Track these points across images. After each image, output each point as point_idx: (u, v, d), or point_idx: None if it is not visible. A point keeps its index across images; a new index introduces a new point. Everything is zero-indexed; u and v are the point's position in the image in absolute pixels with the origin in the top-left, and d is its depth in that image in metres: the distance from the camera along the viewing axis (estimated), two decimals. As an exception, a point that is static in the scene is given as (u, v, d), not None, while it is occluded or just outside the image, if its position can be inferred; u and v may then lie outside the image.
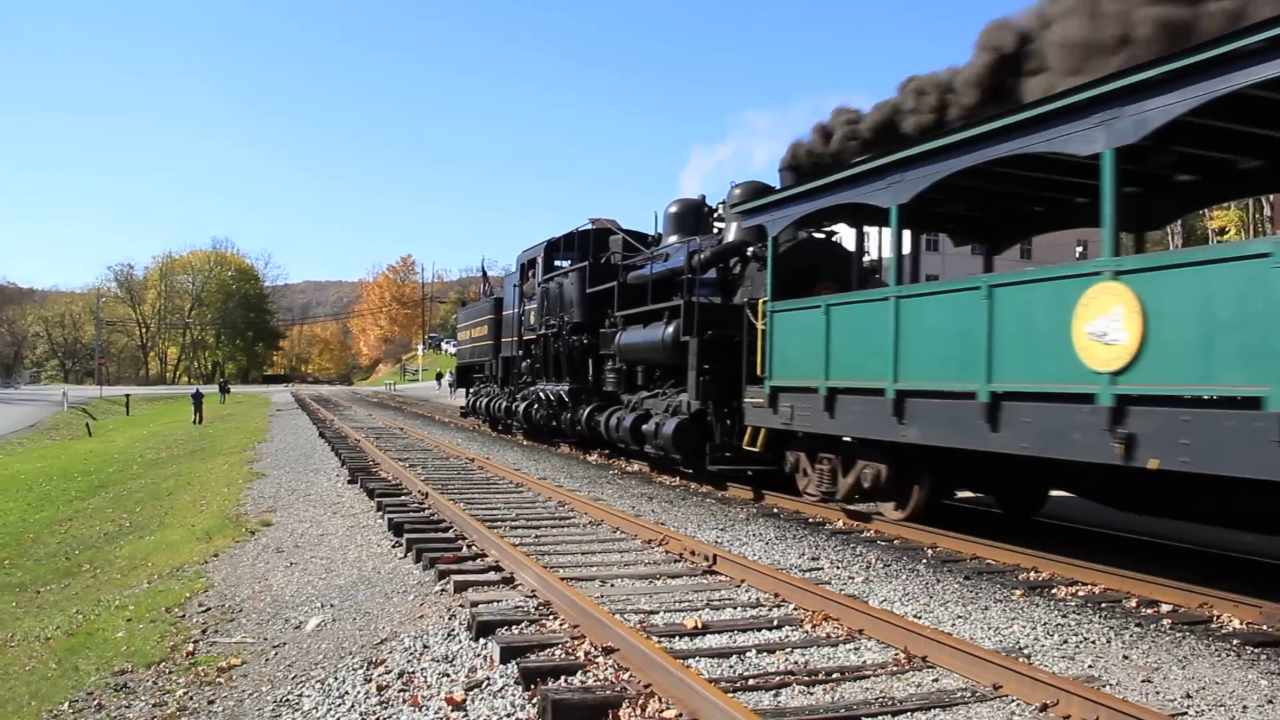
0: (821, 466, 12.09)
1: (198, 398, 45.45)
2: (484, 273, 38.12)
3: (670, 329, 15.66)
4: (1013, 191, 11.51)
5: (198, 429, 38.52)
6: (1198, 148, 9.19)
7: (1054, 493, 11.48)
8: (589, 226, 22.37)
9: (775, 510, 12.63)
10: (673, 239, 18.87)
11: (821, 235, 14.84)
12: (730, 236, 16.28)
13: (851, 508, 11.81)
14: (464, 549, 9.56)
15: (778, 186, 13.87)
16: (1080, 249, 36.59)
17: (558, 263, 23.12)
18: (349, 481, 15.86)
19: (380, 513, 12.27)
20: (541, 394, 22.66)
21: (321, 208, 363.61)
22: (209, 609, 8.96)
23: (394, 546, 10.31)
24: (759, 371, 12.77)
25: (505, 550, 8.91)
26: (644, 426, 16.34)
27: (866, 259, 15.54)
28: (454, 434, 27.14)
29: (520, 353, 25.64)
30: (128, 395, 71.39)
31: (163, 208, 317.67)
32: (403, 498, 13.15)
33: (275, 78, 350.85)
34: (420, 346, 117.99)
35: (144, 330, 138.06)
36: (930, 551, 9.84)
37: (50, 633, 9.58)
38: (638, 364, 18.06)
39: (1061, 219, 12.27)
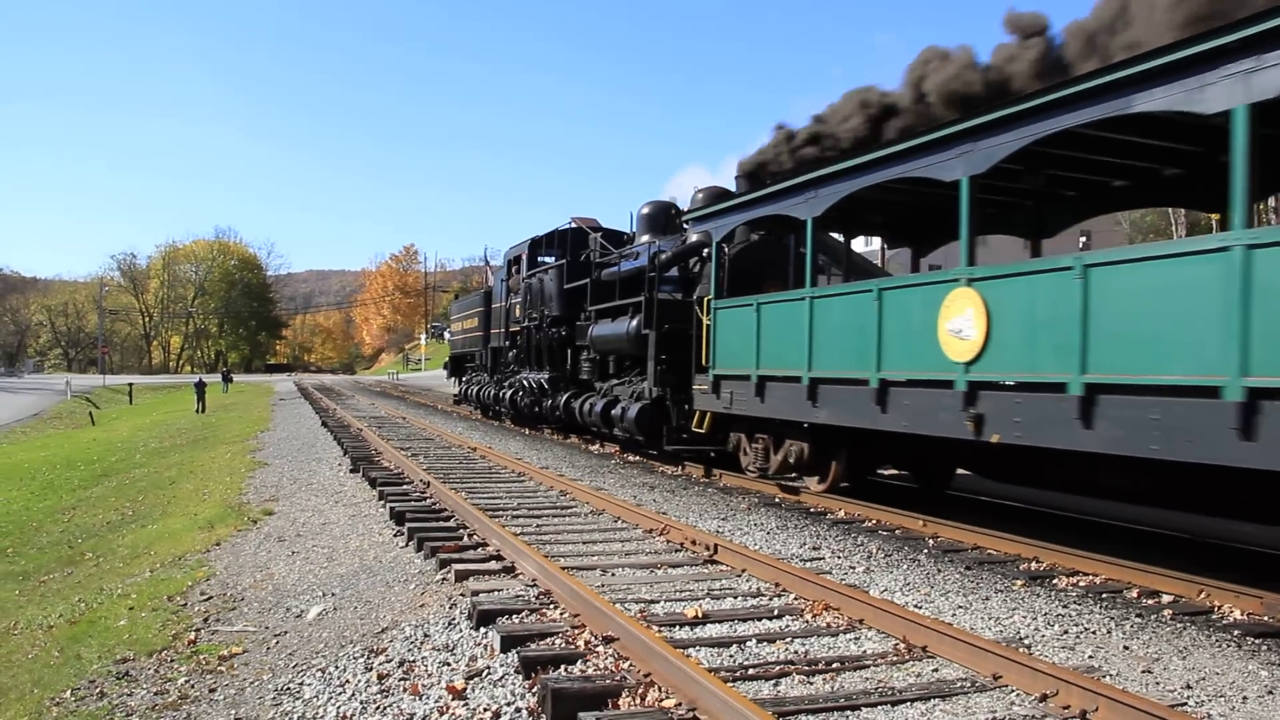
0: (757, 445, 13.70)
1: (200, 387, 45.44)
2: (486, 262, 38.50)
3: (634, 322, 17.17)
4: (928, 204, 12.60)
5: (200, 418, 38.54)
6: (1070, 171, 10.64)
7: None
8: (571, 225, 23.62)
9: (777, 500, 12.64)
10: (644, 239, 19.94)
11: (772, 237, 15.71)
12: (693, 238, 17.10)
13: (783, 482, 13.35)
14: (465, 538, 9.57)
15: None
16: (1083, 239, 36.55)
17: (541, 259, 24.38)
18: (351, 471, 15.88)
19: (382, 502, 12.29)
20: (525, 382, 24.11)
21: (324, 197, 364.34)
22: (211, 597, 8.97)
23: (395, 536, 10.33)
24: (704, 361, 14.37)
25: (506, 539, 8.92)
26: (612, 411, 17.74)
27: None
28: (456, 423, 27.15)
29: (507, 343, 26.97)
30: (131, 384, 71.44)
31: (165, 197, 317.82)
32: (404, 487, 13.17)
33: (277, 67, 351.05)
34: (423, 336, 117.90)
35: (147, 319, 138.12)
36: (931, 542, 9.85)
37: (53, 621, 9.60)
38: (608, 354, 19.56)
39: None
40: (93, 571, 12.14)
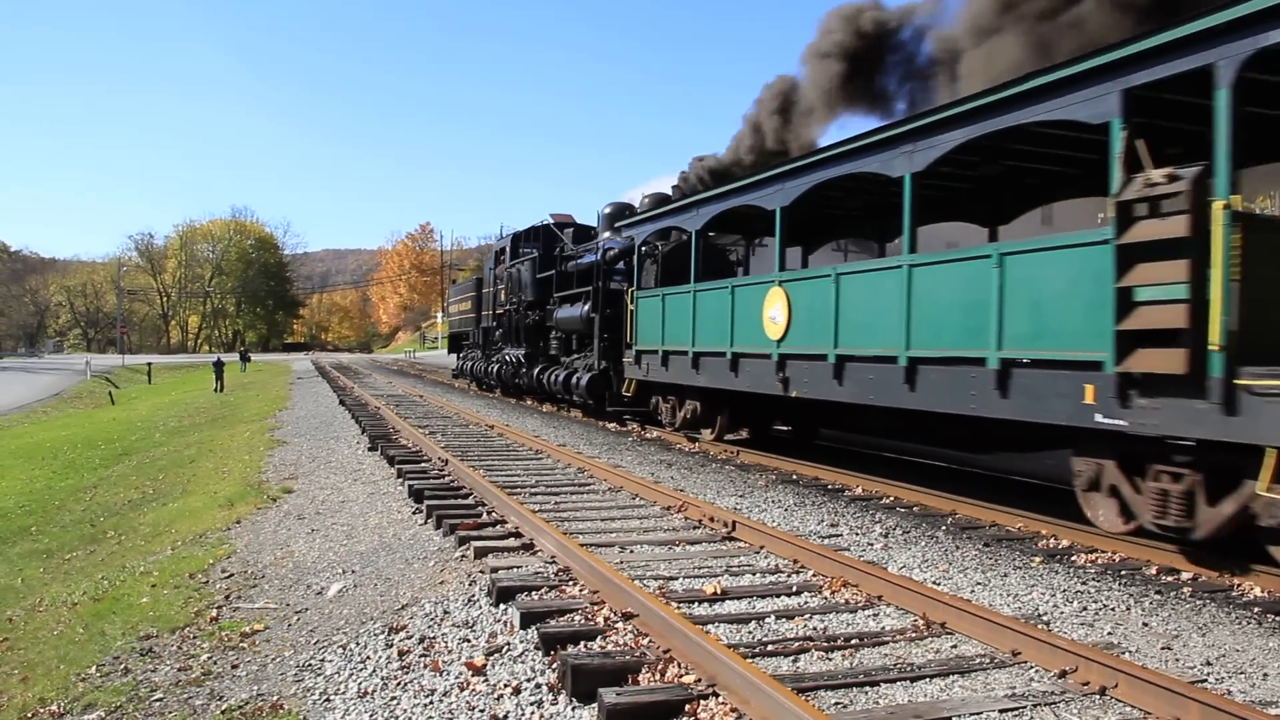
0: (667, 404, 17.88)
1: (219, 366, 45.65)
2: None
3: (586, 307, 21.49)
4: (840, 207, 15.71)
5: (219, 397, 38.73)
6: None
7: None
8: (549, 222, 26.98)
9: (794, 477, 12.64)
10: (604, 235, 22.65)
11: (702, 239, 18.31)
12: (646, 235, 19.51)
13: (689, 433, 17.14)
14: (484, 515, 9.60)
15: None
16: (1101, 216, 36.64)
17: (521, 251, 27.87)
18: (369, 449, 15.94)
19: (400, 480, 12.33)
20: (507, 357, 28.51)
21: (340, 176, 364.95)
22: (232, 575, 9.04)
23: (414, 513, 10.37)
24: (629, 340, 18.36)
25: (525, 517, 8.95)
26: (570, 381, 21.82)
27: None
28: (473, 401, 27.21)
29: (494, 324, 31.16)
30: (149, 364, 71.78)
31: (182, 177, 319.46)
32: (422, 465, 13.22)
33: (293, 47, 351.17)
34: (439, 314, 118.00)
35: (165, 299, 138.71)
36: (950, 519, 9.84)
37: (77, 598, 9.69)
38: (570, 334, 23.68)
39: (862, 226, 17.07)
40: (115, 549, 12.24)
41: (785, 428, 17.10)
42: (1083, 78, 8.19)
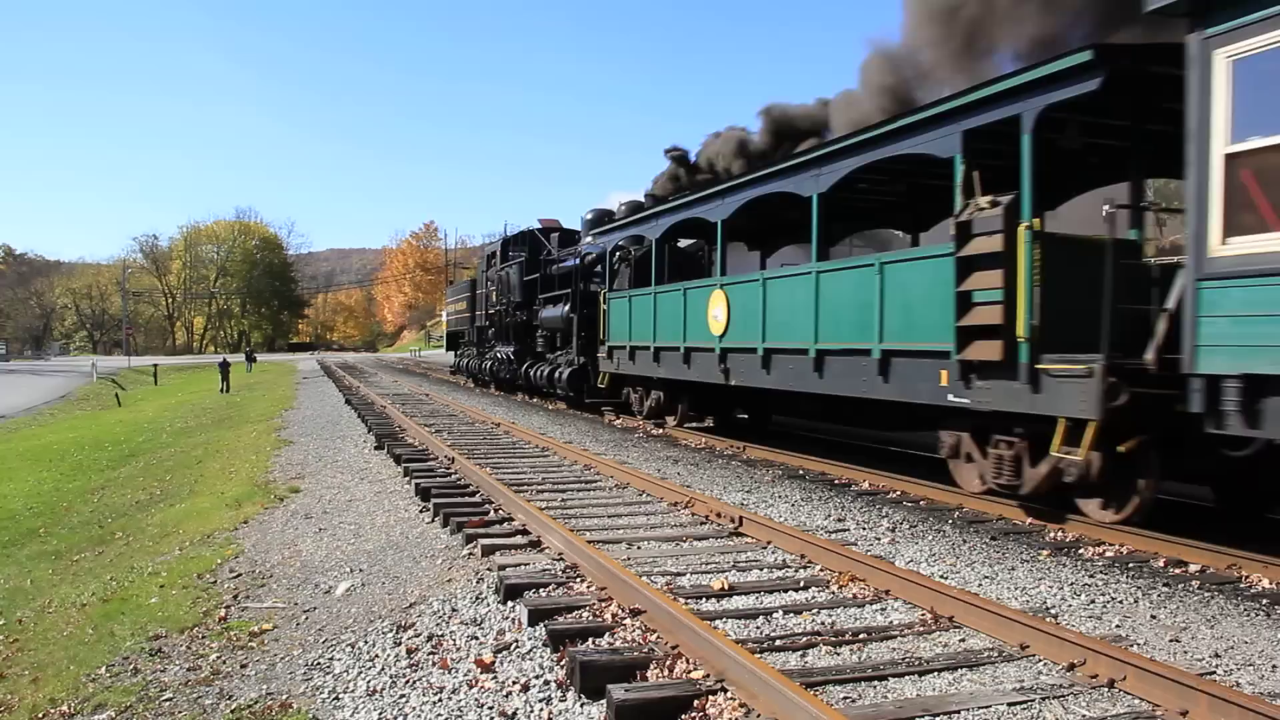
0: (636, 395, 19.80)
1: (224, 367, 45.74)
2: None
3: (566, 308, 23.59)
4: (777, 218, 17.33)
5: (225, 397, 38.78)
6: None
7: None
8: (538, 227, 28.70)
9: (801, 472, 12.64)
10: (586, 240, 24.20)
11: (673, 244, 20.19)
12: (619, 241, 21.10)
13: (656, 421, 18.94)
14: (491, 513, 9.61)
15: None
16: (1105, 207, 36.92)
17: (511, 254, 29.58)
18: (376, 448, 15.96)
19: (407, 478, 12.35)
20: (498, 354, 30.60)
21: (344, 176, 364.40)
22: (240, 575, 9.05)
23: (421, 511, 10.39)
24: (602, 337, 20.42)
25: (532, 514, 8.95)
26: (553, 375, 24.11)
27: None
28: (479, 399, 27.24)
29: (487, 323, 32.95)
30: (155, 365, 71.90)
31: (185, 178, 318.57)
32: (429, 463, 13.23)
33: (294, 46, 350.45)
34: (444, 312, 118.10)
35: (170, 300, 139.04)
36: (957, 513, 9.84)
37: (86, 599, 9.70)
38: (553, 332, 25.55)
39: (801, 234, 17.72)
40: (123, 550, 12.26)
41: (744, 415, 18.60)
42: (934, 120, 10.07)
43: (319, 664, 6.21)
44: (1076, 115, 9.47)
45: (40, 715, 6.44)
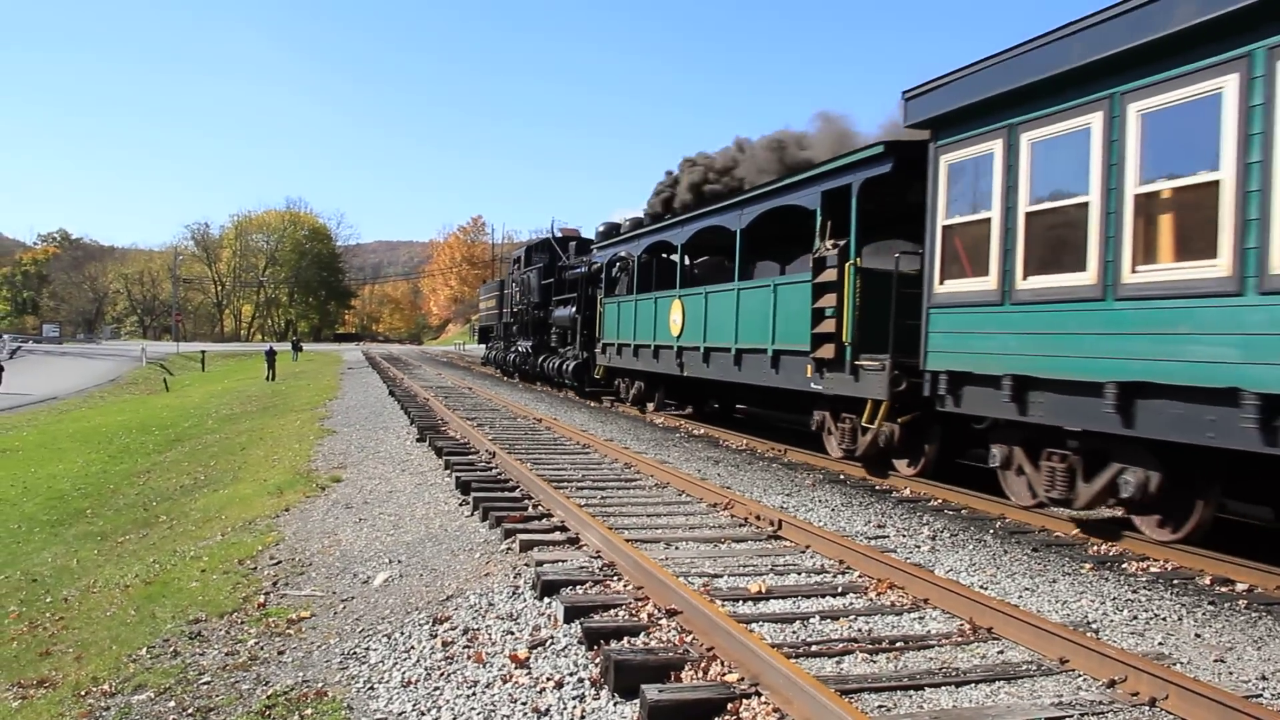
0: (624, 384, 23.60)
1: (271, 355, 46.23)
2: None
3: (573, 309, 27.76)
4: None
5: (271, 385, 39.17)
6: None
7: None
8: (559, 234, 32.53)
9: (841, 477, 12.57)
10: (594, 250, 27.48)
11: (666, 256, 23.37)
12: (622, 253, 24.50)
13: (639, 407, 22.32)
14: (530, 508, 9.63)
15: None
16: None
17: (534, 258, 33.50)
18: (417, 440, 16.06)
19: (448, 471, 12.41)
20: (519, 348, 34.91)
21: (393, 168, 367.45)
22: (279, 562, 9.13)
23: (461, 505, 10.43)
24: (598, 335, 24.81)
25: (571, 511, 8.96)
26: (561, 367, 28.15)
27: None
28: (522, 394, 27.34)
29: (512, 320, 37.11)
30: (203, 351, 72.86)
31: (237, 165, 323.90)
32: (470, 456, 13.29)
33: (350, 35, 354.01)
34: (480, 308, 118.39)
35: (219, 288, 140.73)
36: (998, 523, 9.73)
37: (129, 581, 9.84)
38: (564, 330, 29.33)
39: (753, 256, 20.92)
40: (166, 534, 12.42)
41: (716, 405, 22.10)
42: (807, 182, 13.96)
43: (355, 653, 6.25)
44: (884, 187, 12.51)
45: (83, 693, 6.53)
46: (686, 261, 21.09)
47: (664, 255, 22.37)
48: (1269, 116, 7.01)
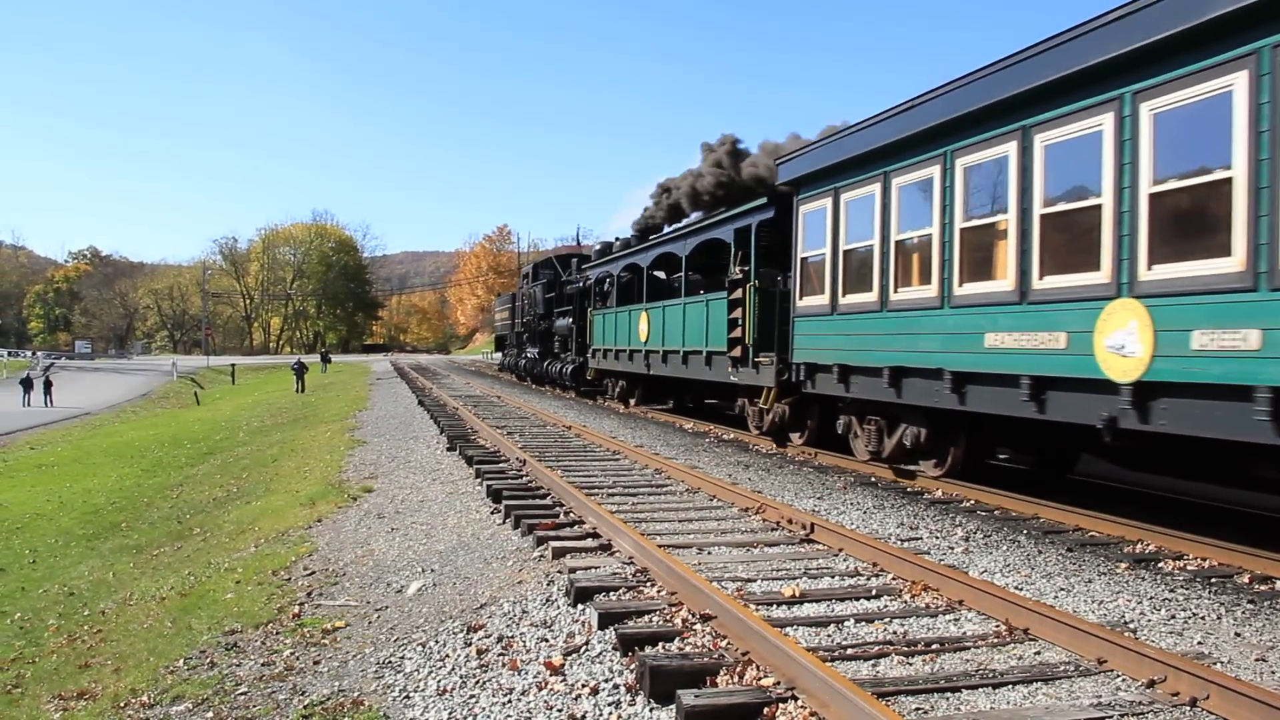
0: (611, 383, 27.86)
1: (300, 367, 46.54)
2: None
3: (571, 319, 31.65)
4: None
5: (300, 397, 39.44)
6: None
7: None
8: (564, 252, 38.53)
9: (873, 479, 12.52)
10: (595, 265, 31.01)
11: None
12: (609, 271, 28.13)
13: (622, 402, 26.67)
14: (561, 516, 9.64)
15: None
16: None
17: (540, 273, 37.54)
18: (448, 449, 16.10)
19: (479, 480, 12.44)
20: (528, 354, 39.40)
21: (418, 177, 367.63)
22: (313, 573, 9.18)
23: (492, 513, 10.45)
24: (589, 342, 28.93)
25: (603, 517, 8.97)
26: (561, 370, 32.35)
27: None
28: (550, 402, 27.39)
29: (523, 329, 41.08)
30: (233, 365, 73.46)
31: (263, 178, 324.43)
32: (501, 465, 13.31)
33: (370, 46, 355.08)
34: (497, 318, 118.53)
35: (248, 301, 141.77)
36: (1032, 523, 9.66)
37: (165, 593, 9.93)
38: (564, 338, 33.19)
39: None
40: (200, 546, 12.52)
41: (691, 404, 25.46)
42: (722, 221, 18.53)
43: (390, 662, 6.27)
44: (774, 227, 16.26)
45: (122, 704, 6.59)
46: (660, 276, 25.50)
47: (641, 273, 25.29)
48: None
